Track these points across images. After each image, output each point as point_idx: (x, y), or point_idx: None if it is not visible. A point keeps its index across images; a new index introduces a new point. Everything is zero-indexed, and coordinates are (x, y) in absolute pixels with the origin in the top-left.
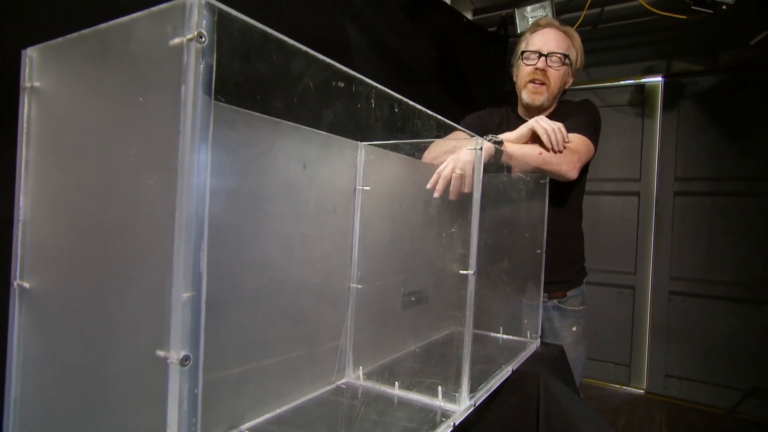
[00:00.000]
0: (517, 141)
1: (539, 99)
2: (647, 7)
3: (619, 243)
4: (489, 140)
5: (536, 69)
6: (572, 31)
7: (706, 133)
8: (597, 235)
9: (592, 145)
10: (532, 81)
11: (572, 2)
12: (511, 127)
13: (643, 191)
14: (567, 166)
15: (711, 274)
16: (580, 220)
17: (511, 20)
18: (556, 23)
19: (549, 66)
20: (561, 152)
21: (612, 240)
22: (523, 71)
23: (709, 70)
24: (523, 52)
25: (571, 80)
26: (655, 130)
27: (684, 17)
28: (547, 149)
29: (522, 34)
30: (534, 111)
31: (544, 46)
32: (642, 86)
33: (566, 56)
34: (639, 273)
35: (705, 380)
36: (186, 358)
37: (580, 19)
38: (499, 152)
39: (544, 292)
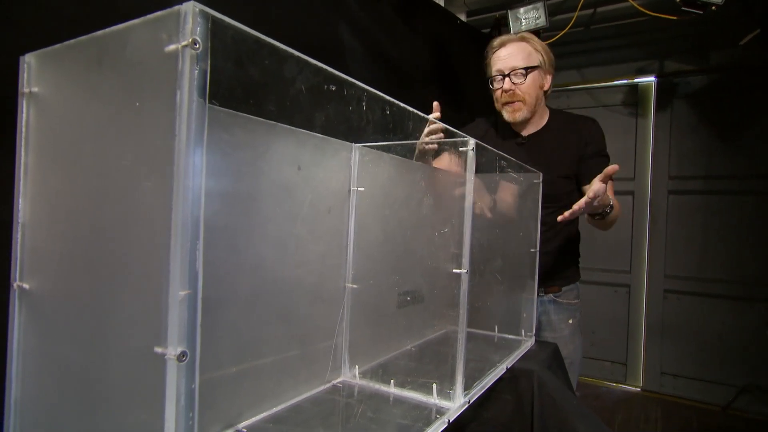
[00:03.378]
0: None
1: (519, 115)
2: (638, 8)
3: (614, 242)
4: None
5: (504, 91)
6: (527, 35)
7: (698, 132)
8: (592, 235)
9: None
10: (506, 103)
11: (565, 3)
12: (500, 133)
13: (637, 190)
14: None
15: (705, 272)
16: (577, 219)
17: (504, 21)
18: (509, 36)
19: (514, 84)
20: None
21: (607, 239)
22: (495, 96)
23: (701, 70)
24: (488, 79)
25: (548, 79)
26: (648, 130)
27: (675, 18)
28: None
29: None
30: (519, 124)
31: (503, 66)
32: (635, 86)
33: (527, 68)
34: (634, 271)
35: (700, 377)
36: (183, 354)
37: (573, 20)
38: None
39: (540, 287)
